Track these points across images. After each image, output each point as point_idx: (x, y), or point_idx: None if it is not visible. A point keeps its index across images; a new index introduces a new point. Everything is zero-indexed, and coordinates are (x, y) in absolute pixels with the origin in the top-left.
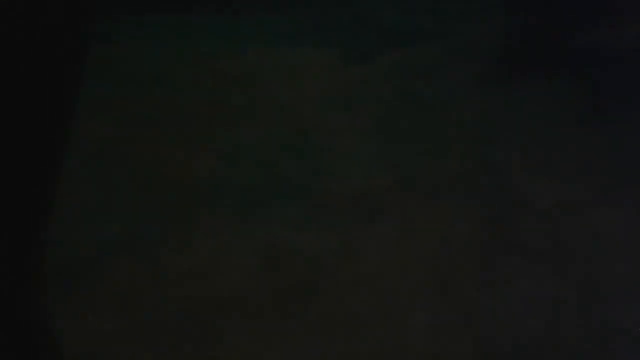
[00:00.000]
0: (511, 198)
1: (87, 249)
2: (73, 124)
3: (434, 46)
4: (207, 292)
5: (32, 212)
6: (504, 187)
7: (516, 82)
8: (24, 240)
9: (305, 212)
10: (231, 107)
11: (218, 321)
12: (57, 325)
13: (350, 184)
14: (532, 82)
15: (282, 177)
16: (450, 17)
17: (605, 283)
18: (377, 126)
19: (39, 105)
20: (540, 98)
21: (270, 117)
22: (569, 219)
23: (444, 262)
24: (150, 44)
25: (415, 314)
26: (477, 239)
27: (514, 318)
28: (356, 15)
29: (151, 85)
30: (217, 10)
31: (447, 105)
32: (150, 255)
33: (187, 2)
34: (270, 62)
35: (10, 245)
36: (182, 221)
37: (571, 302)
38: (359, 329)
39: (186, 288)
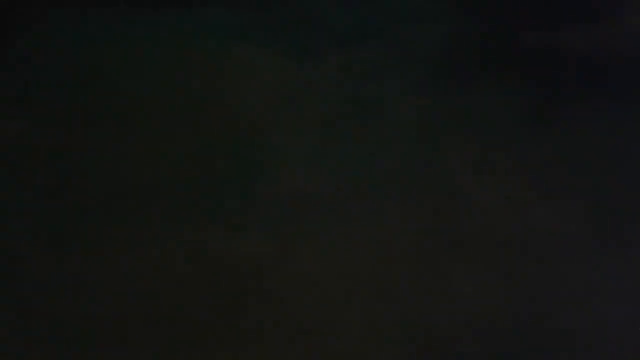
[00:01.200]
0: (453, 198)
1: None
2: None
3: (383, 47)
4: (132, 300)
5: None
6: (446, 187)
7: (464, 83)
8: None
9: (243, 215)
10: (172, 105)
11: (144, 331)
12: None
13: (291, 185)
14: (480, 83)
15: (221, 179)
16: (401, 18)
17: (545, 282)
18: (322, 126)
19: None
20: (487, 99)
21: (213, 117)
22: (511, 218)
23: (384, 262)
24: (89, 39)
25: (352, 316)
26: (418, 239)
27: (452, 319)
28: (307, 14)
29: (84, 83)
30: (163, 4)
31: (394, 106)
32: (66, 261)
33: None
34: (216, 60)
35: None
36: (107, 225)
37: (511, 302)
38: (294, 334)
39: (106, 296)
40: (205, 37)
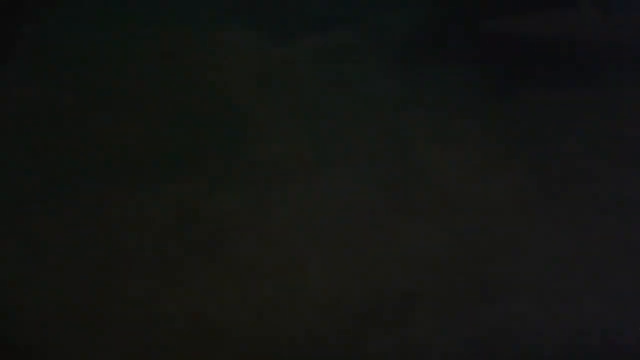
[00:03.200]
0: (412, 166)
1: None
2: None
3: (353, 30)
4: (115, 246)
5: None
6: (406, 156)
7: (428, 65)
8: None
9: (217, 176)
10: (154, 84)
11: (124, 272)
12: None
13: (263, 151)
14: (443, 65)
15: (199, 144)
16: (370, 4)
17: (494, 244)
18: (294, 102)
19: None
20: (449, 79)
21: (193, 92)
22: (465, 186)
23: (346, 221)
24: (77, 22)
25: (314, 263)
26: (377, 203)
27: (405, 272)
28: (284, 0)
29: (75, 62)
30: None
31: (361, 85)
32: (62, 211)
33: None
34: (200, 41)
35: None
36: (96, 180)
37: (461, 260)
38: (261, 276)
39: (96, 241)
40: (190, 20)
